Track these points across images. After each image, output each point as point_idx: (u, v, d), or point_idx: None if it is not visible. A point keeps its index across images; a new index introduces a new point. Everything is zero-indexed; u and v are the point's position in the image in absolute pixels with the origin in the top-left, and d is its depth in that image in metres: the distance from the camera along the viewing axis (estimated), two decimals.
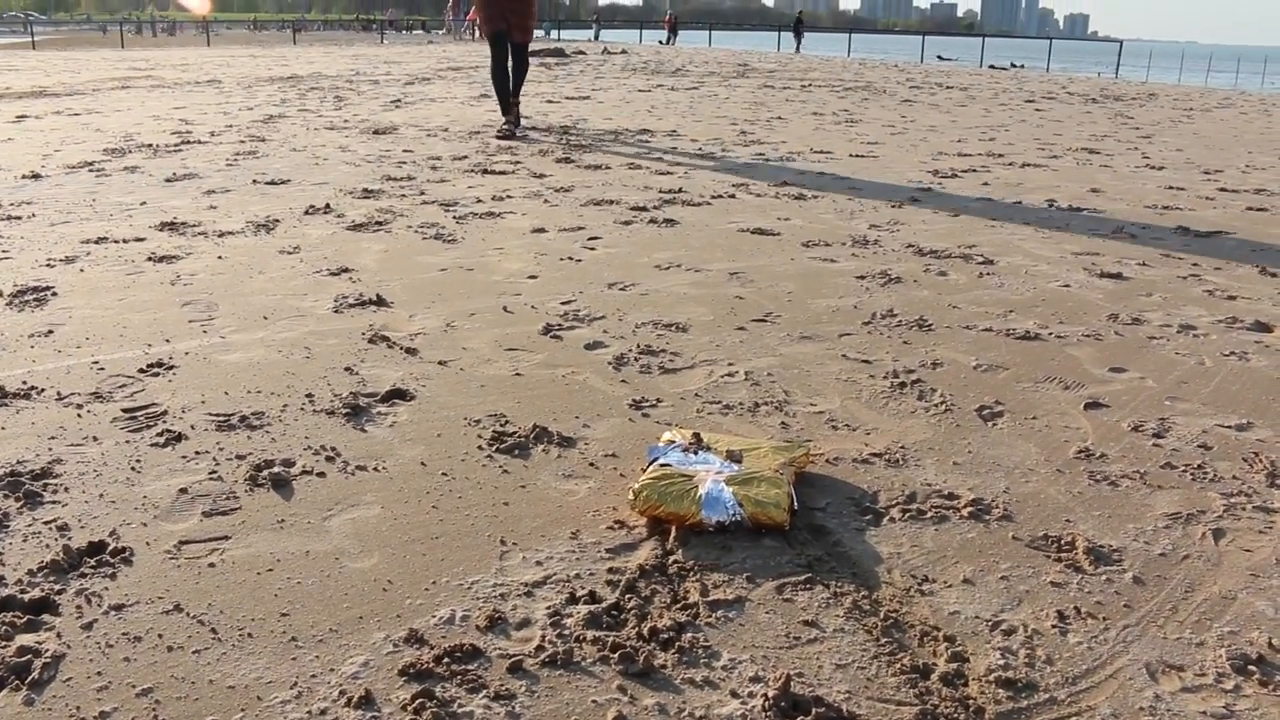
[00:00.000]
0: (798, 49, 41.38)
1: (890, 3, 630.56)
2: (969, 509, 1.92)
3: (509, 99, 8.01)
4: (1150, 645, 1.52)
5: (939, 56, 37.52)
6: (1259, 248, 4.33)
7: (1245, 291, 3.58)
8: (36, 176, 5.61)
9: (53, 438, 2.17)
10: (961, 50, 51.42)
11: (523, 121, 8.55)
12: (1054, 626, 1.56)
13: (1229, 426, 2.37)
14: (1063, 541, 1.81)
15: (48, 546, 1.73)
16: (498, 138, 7.64)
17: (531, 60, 22.62)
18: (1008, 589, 1.66)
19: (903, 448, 2.20)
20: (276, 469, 2.02)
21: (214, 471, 2.02)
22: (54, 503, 1.88)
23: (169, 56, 24.71)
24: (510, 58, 7.89)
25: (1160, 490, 2.03)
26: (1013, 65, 31.71)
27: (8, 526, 1.79)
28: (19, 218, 4.48)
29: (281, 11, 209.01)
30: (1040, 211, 5.05)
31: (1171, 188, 5.97)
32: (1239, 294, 3.55)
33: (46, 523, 1.81)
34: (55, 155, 6.48)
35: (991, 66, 31.22)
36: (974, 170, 6.47)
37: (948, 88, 15.99)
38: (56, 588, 1.61)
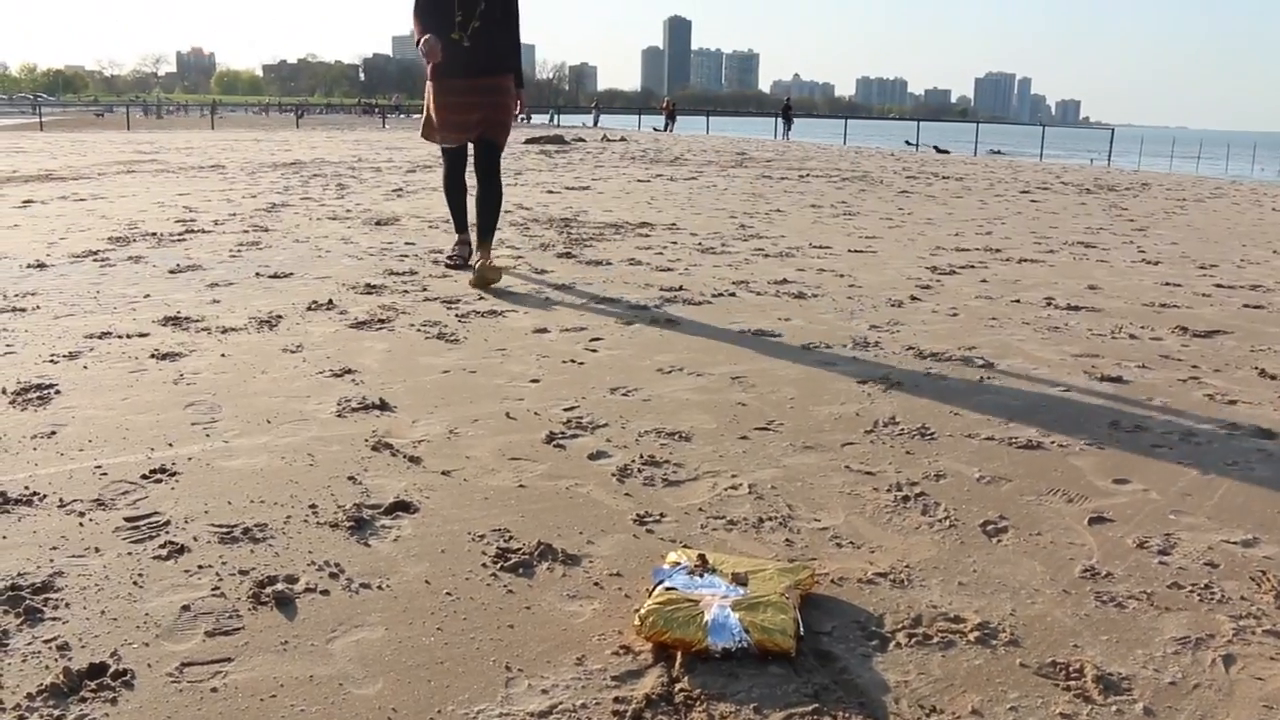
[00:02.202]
0: (787, 134, 42.02)
1: (884, 89, 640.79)
2: (975, 633, 1.90)
3: (464, 216, 6.07)
4: None
5: (935, 148, 38.54)
6: (1257, 348, 4.36)
7: (1245, 395, 3.60)
8: (41, 266, 5.66)
9: (54, 548, 2.16)
10: (956, 135, 52.16)
11: (491, 258, 5.56)
12: None
13: (1235, 543, 2.36)
14: (1071, 669, 1.79)
15: (48, 668, 1.71)
16: (447, 265, 5.91)
17: (531, 147, 22.68)
18: None
19: (907, 567, 2.19)
20: (280, 586, 2.00)
21: (217, 588, 2.00)
22: (55, 619, 1.87)
23: (173, 139, 25.05)
24: (476, 163, 5.69)
25: (1168, 612, 2.02)
26: (992, 152, 32.73)
27: (7, 645, 1.78)
28: (24, 309, 4.50)
29: (284, 95, 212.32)
30: (1039, 310, 5.09)
31: (1168, 284, 6.03)
32: (1239, 398, 3.56)
33: (46, 641, 1.79)
34: (60, 243, 6.54)
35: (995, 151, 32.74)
36: (972, 266, 6.53)
37: (943, 177, 16.20)
38: (56, 713, 1.59)
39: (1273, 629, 1.96)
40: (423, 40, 5.33)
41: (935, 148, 35.48)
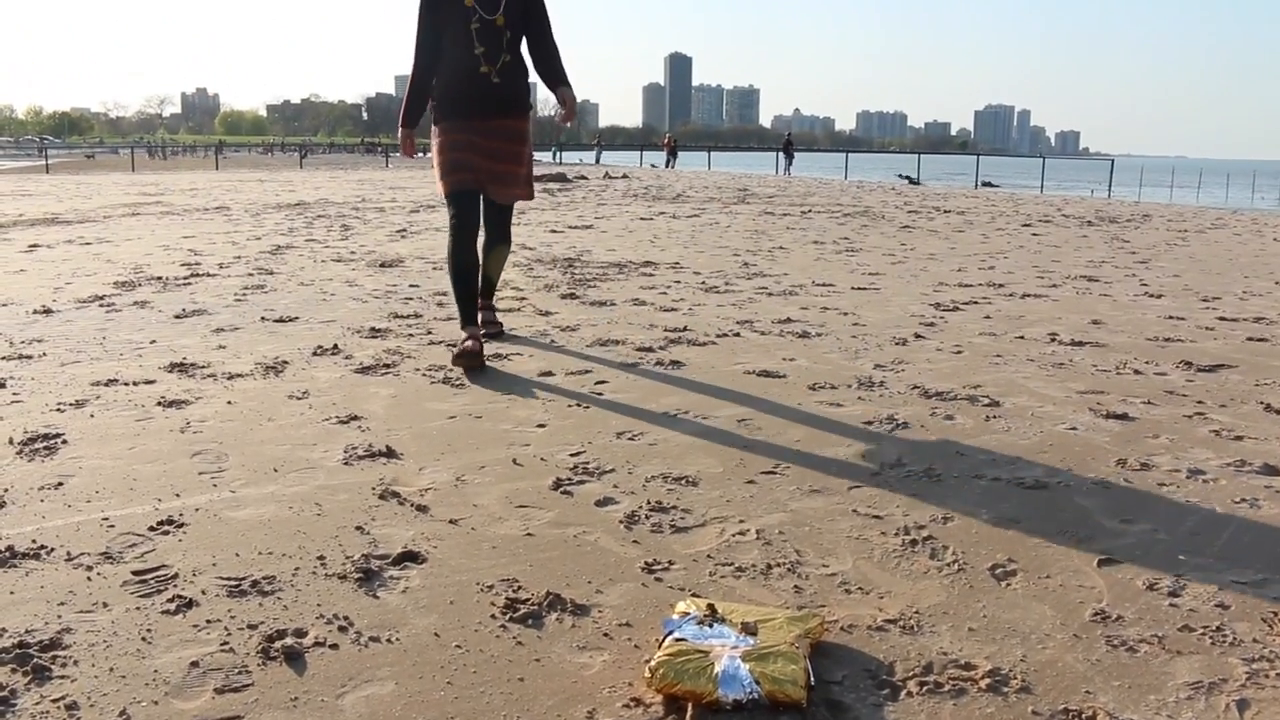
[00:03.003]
0: (789, 169, 42.24)
1: (885, 122, 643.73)
2: (986, 680, 1.90)
3: (474, 302, 4.63)
4: None
5: (903, 176, 39.55)
6: (1262, 382, 4.36)
7: (1252, 431, 3.59)
8: (48, 311, 5.69)
9: (62, 603, 2.16)
10: (956, 168, 52.38)
11: (501, 322, 5.29)
12: None
13: (1245, 583, 2.35)
14: (1083, 716, 1.79)
15: None
16: (455, 364, 4.38)
17: (535, 185, 22.64)
18: None
19: (917, 612, 2.18)
20: (289, 640, 2.00)
21: (225, 643, 2.00)
22: (63, 677, 1.87)
23: (178, 180, 25.21)
24: (485, 229, 4.81)
25: (1180, 656, 2.01)
26: (984, 184, 33.39)
27: (15, 704, 1.77)
28: (30, 357, 4.52)
29: (288, 134, 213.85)
30: (1043, 346, 5.09)
31: (1171, 317, 6.03)
32: (1245, 434, 3.56)
33: (55, 700, 1.79)
34: (66, 288, 6.57)
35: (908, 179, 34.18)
36: (975, 302, 6.54)
37: (945, 211, 16.25)
38: None
39: None
40: (401, 122, 4.70)
41: (902, 176, 36.45)
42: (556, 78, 4.65)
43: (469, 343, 4.41)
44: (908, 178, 37.15)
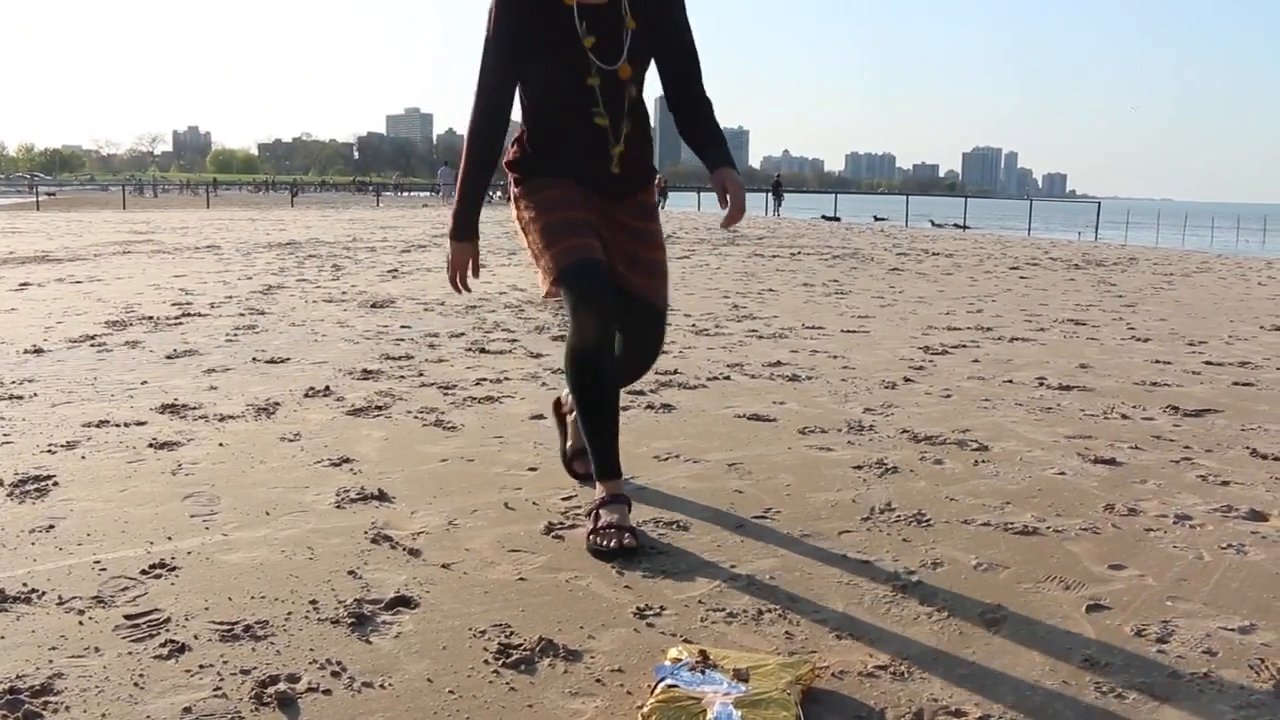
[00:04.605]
0: (778, 211, 42.56)
1: (873, 163, 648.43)
2: None
3: (614, 438, 2.96)
4: None
5: (875, 217, 40.38)
6: (1248, 427, 4.39)
7: (1238, 476, 3.62)
8: (39, 351, 5.69)
9: (53, 648, 2.16)
10: (945, 210, 52.76)
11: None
12: None
13: (1232, 629, 2.37)
14: None
15: None
16: (595, 548, 2.77)
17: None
18: None
19: (907, 658, 2.19)
20: (282, 686, 2.00)
21: (218, 688, 2.00)
22: None
23: (168, 218, 25.25)
24: (628, 338, 3.10)
25: (1167, 703, 2.03)
26: (955, 225, 34.35)
27: None
28: (20, 397, 4.52)
29: (279, 173, 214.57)
30: (1031, 390, 5.13)
31: (1158, 361, 6.08)
32: (1232, 479, 3.59)
33: None
34: (57, 327, 6.58)
35: (932, 223, 35.10)
36: (964, 345, 6.59)
37: (934, 254, 16.37)
38: None
39: (1273, 718, 1.97)
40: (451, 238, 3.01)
41: (825, 217, 37.51)
42: (713, 144, 3.00)
43: (613, 513, 2.85)
44: (828, 216, 39.14)
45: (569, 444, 3.44)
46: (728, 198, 2.85)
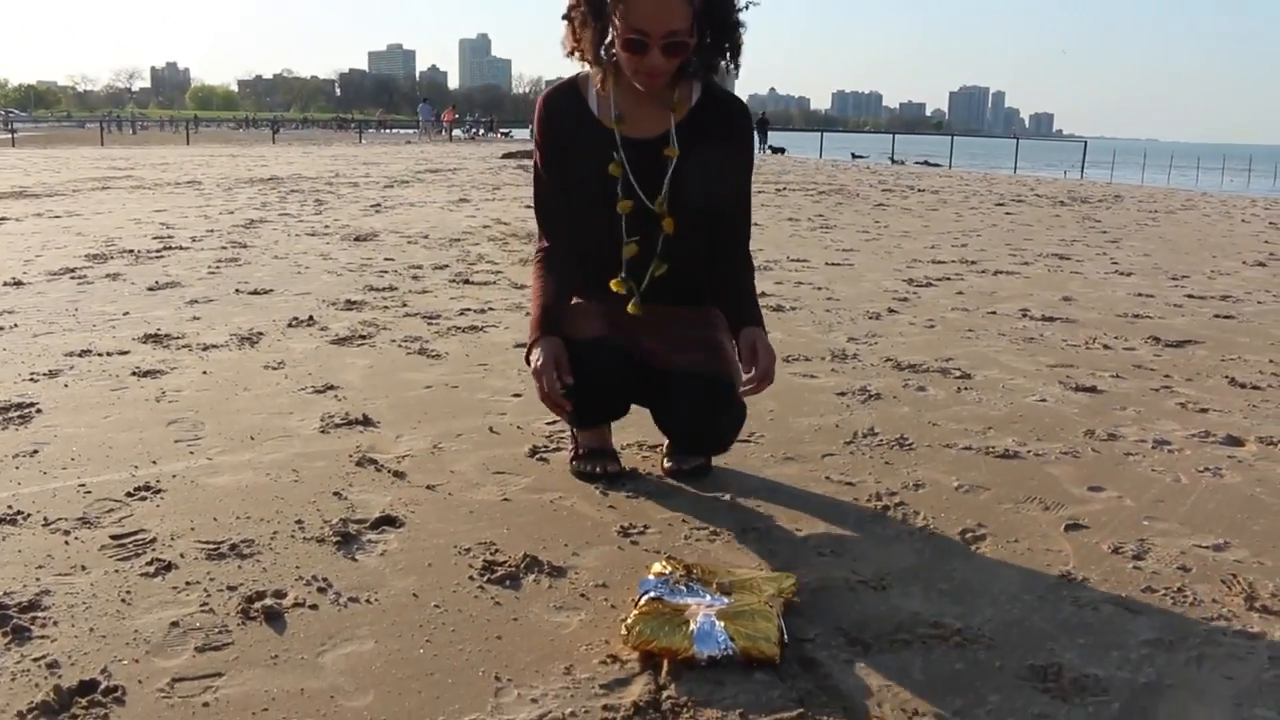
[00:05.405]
0: (764, 148, 42.37)
1: (860, 102, 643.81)
2: (955, 638, 1.94)
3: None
4: None
5: (853, 155, 40.23)
6: (1228, 357, 4.43)
7: (1216, 404, 3.66)
8: (18, 284, 5.65)
9: (40, 567, 2.17)
10: (930, 148, 52.53)
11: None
12: None
13: (1206, 547, 2.41)
14: (1048, 671, 1.83)
15: (37, 686, 1.72)
16: (582, 473, 2.79)
17: (509, 162, 22.41)
18: None
19: (888, 574, 2.22)
20: (268, 601, 2.02)
21: (205, 604, 2.02)
22: (43, 638, 1.88)
23: (148, 155, 24.95)
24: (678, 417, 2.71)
25: (1142, 615, 2.06)
26: (922, 163, 34.15)
27: None
28: (1, 328, 4.50)
29: (260, 110, 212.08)
30: (1014, 321, 5.15)
31: (1141, 295, 6.11)
32: (1210, 406, 3.62)
33: (35, 659, 1.80)
34: (37, 260, 6.52)
35: (891, 159, 35.13)
36: (948, 278, 6.60)
37: (919, 190, 16.32)
38: None
39: (1243, 630, 2.01)
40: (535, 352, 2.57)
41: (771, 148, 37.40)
42: (745, 304, 2.67)
43: (596, 439, 2.86)
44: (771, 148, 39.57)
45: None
46: (755, 363, 2.51)
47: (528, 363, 2.59)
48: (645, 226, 2.64)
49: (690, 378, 2.62)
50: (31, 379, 3.65)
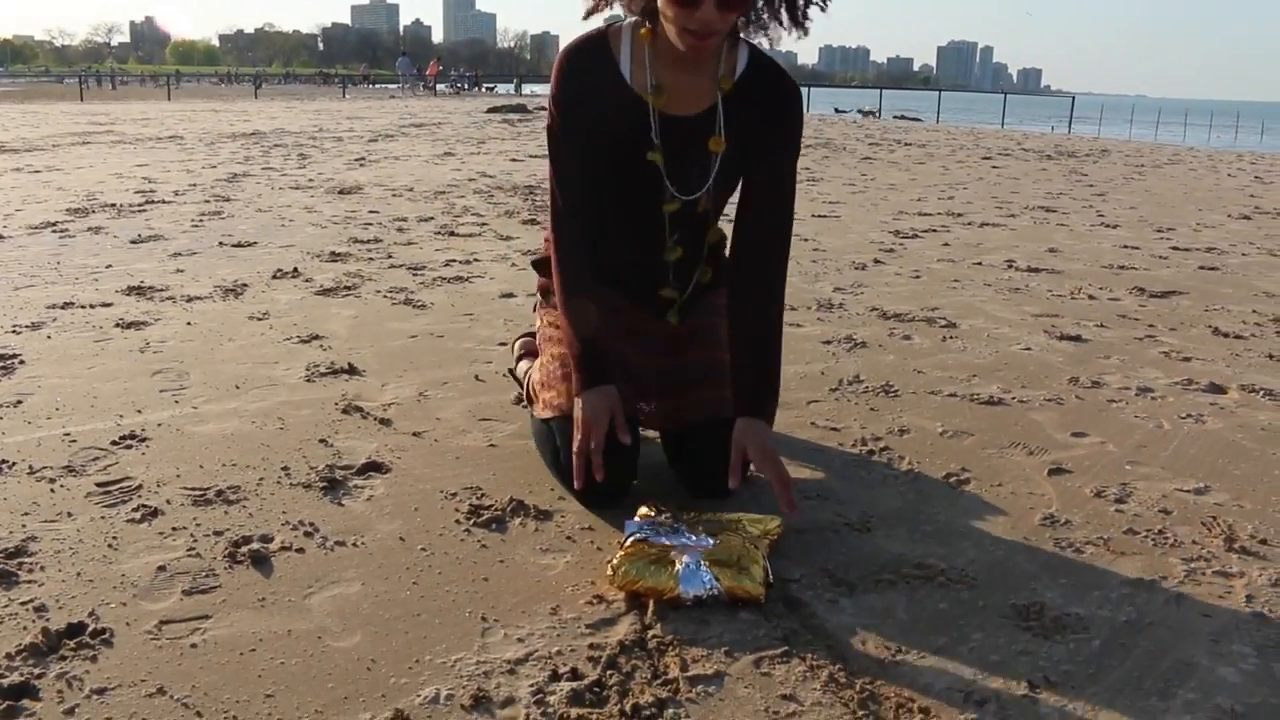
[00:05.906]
0: None
1: (847, 57, 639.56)
2: (939, 579, 1.96)
3: None
4: (1117, 714, 1.56)
5: (836, 109, 39.93)
6: (1211, 307, 4.45)
7: (1199, 353, 3.67)
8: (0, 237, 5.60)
9: (26, 514, 2.16)
10: (917, 103, 52.35)
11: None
12: (1024, 696, 1.60)
13: (1188, 490, 2.43)
14: (1031, 610, 1.85)
15: (25, 629, 1.72)
16: None
17: (494, 116, 22.20)
18: (979, 659, 1.70)
19: (873, 516, 2.24)
20: (255, 545, 2.02)
21: (192, 548, 2.02)
22: (30, 582, 1.88)
23: (129, 110, 24.67)
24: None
25: (1123, 556, 2.08)
26: (896, 117, 34.01)
27: None
28: None
29: (242, 65, 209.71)
30: (1000, 272, 5.16)
31: (1126, 246, 6.12)
32: (1194, 355, 3.64)
33: (24, 604, 1.80)
34: (17, 215, 6.46)
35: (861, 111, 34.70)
36: (934, 230, 6.59)
37: (906, 144, 16.27)
38: (36, 671, 1.61)
39: (1221, 570, 2.03)
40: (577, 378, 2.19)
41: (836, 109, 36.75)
42: (761, 384, 2.27)
43: None
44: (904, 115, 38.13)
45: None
46: (753, 465, 2.15)
47: (530, 398, 2.35)
48: (686, 225, 2.37)
49: (700, 431, 2.32)
50: (14, 331, 3.63)
